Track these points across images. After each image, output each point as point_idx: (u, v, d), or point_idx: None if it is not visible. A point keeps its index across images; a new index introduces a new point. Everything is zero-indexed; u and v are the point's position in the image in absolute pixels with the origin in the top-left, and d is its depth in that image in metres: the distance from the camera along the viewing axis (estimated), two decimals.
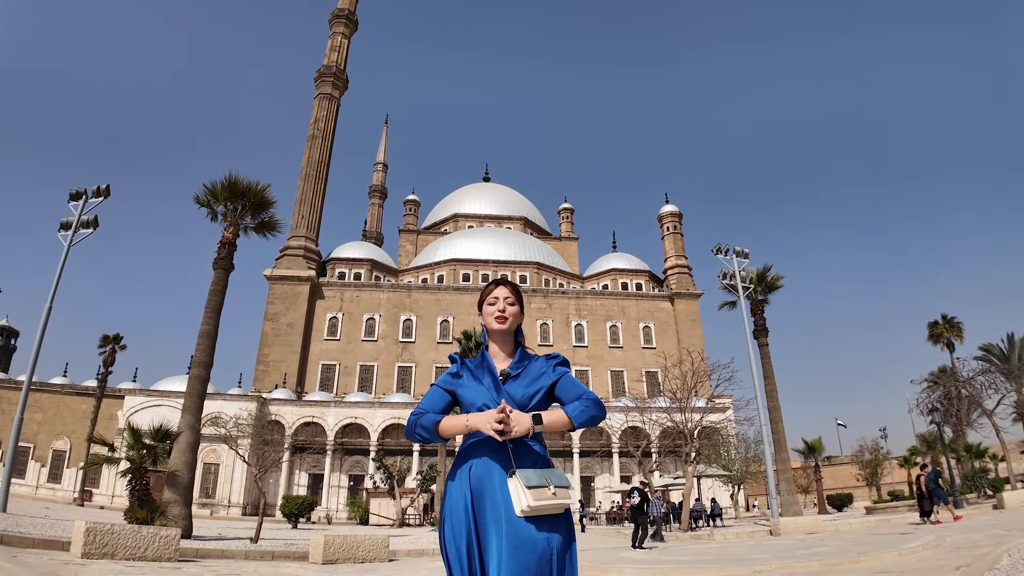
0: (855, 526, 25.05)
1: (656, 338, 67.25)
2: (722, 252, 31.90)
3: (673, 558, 14.58)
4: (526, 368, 2.80)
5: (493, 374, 2.79)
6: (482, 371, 2.82)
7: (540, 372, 2.78)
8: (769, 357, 34.57)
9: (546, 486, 2.49)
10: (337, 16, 78.28)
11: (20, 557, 10.53)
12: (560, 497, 2.51)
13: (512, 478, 2.51)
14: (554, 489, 2.50)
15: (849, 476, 64.40)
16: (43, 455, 50.91)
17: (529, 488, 2.45)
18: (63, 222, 24.62)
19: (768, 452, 29.15)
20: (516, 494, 2.47)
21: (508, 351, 2.89)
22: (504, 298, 2.87)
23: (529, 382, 2.75)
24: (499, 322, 2.84)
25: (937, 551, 13.10)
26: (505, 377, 2.77)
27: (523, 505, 2.43)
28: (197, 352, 20.75)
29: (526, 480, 2.47)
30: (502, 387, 2.74)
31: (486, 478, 2.58)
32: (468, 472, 2.62)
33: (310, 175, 70.06)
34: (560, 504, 2.51)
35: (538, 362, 2.83)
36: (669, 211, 76.05)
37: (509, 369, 2.80)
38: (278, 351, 61.16)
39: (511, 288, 2.92)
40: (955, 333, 51.48)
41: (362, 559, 14.24)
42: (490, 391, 2.74)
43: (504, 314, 2.85)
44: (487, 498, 2.54)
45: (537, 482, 2.49)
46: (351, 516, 46.27)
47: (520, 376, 2.78)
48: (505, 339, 2.89)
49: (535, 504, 2.42)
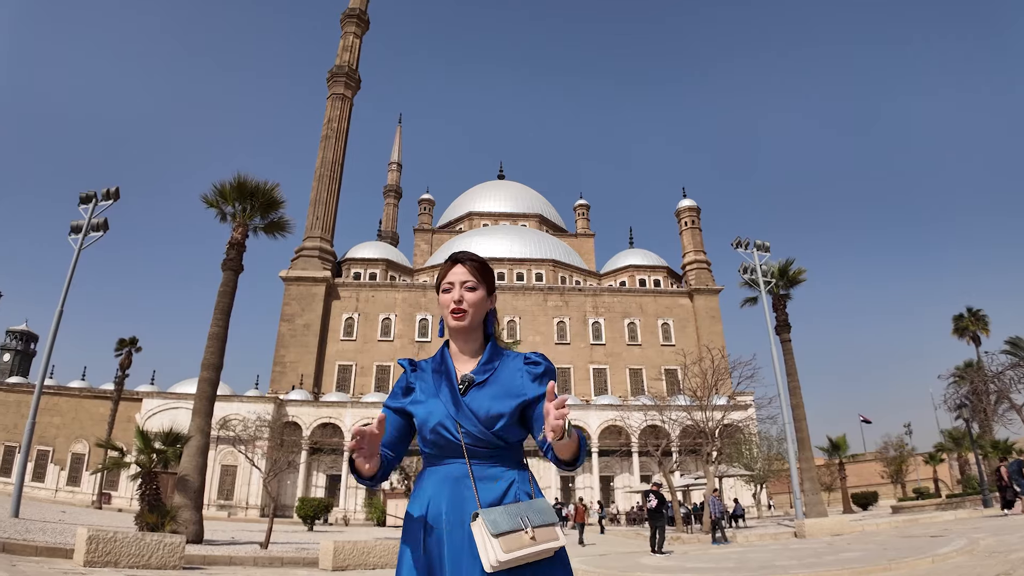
0: (882, 527, 24.40)
1: (675, 335, 66.43)
2: (742, 246, 31.25)
3: (694, 565, 14.05)
4: (496, 372, 2.16)
5: (452, 381, 2.14)
6: (439, 377, 2.17)
7: (513, 382, 2.12)
8: (792, 354, 33.78)
9: (521, 529, 1.88)
10: (349, 16, 78.12)
11: (19, 566, 10.23)
12: (542, 540, 1.89)
13: (476, 523, 1.89)
14: (533, 531, 1.89)
15: (873, 473, 63.37)
16: (62, 458, 51.27)
17: (498, 536, 1.84)
18: (73, 225, 24.53)
19: (792, 451, 28.47)
20: (482, 546, 1.85)
21: (473, 349, 2.23)
22: (462, 282, 2.17)
23: (499, 393, 2.10)
24: (456, 318, 2.16)
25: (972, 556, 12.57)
26: (468, 384, 2.13)
27: (491, 559, 1.81)
28: (206, 354, 20.51)
29: (493, 526, 1.85)
30: (461, 398, 2.10)
31: (447, 521, 1.99)
32: (425, 510, 2.04)
33: (324, 175, 69.98)
34: (544, 550, 1.90)
35: (511, 365, 2.17)
36: (687, 205, 75.06)
37: (473, 374, 2.15)
38: (295, 352, 61.14)
39: (472, 266, 2.21)
40: (981, 326, 50.47)
41: (373, 565, 13.88)
42: (446, 405, 2.09)
43: (461, 306, 2.16)
44: (453, 551, 1.95)
45: (508, 526, 1.87)
46: (368, 517, 46.08)
47: (488, 383, 2.13)
48: (467, 336, 2.21)
49: (505, 558, 1.81)
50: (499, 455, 2.08)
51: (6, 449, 50.72)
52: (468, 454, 2.04)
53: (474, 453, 2.05)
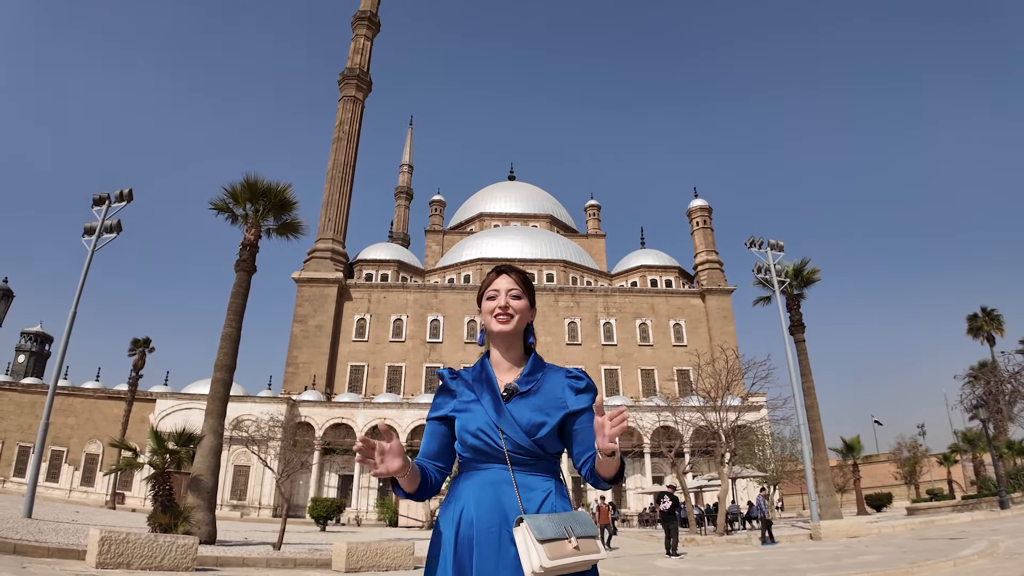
0: (898, 529, 24.19)
1: (687, 335, 66.05)
2: (756, 245, 31.02)
3: (710, 568, 13.90)
4: (538, 383, 2.20)
5: (494, 390, 2.17)
6: (481, 385, 2.20)
7: (557, 395, 2.17)
8: (806, 354, 33.52)
9: (566, 538, 1.89)
10: (359, 18, 78.20)
11: (30, 568, 10.21)
12: (584, 551, 1.90)
13: (520, 528, 1.90)
14: (576, 541, 1.90)
15: (886, 474, 62.80)
16: (76, 459, 51.55)
17: (543, 542, 1.85)
18: (87, 227, 24.65)
19: (807, 452, 28.21)
20: (525, 551, 1.86)
21: (515, 358, 2.28)
22: (507, 291, 2.25)
23: (542, 404, 2.14)
24: (500, 322, 2.23)
25: (993, 559, 12.42)
26: (511, 393, 2.16)
27: (535, 566, 1.82)
28: (219, 355, 20.49)
29: (539, 532, 1.87)
30: (504, 406, 2.13)
31: (481, 526, 1.98)
32: (459, 515, 2.03)
33: (336, 177, 70.10)
34: (585, 561, 1.90)
35: (555, 378, 2.22)
36: (699, 205, 74.54)
37: (516, 383, 2.19)
38: (307, 353, 61.27)
39: (517, 277, 2.30)
40: (995, 326, 50.08)
41: (387, 567, 13.83)
42: (488, 412, 2.12)
43: (507, 311, 2.23)
44: (485, 555, 1.94)
45: (553, 533, 1.88)
46: (380, 517, 46.08)
47: (530, 394, 2.17)
48: (510, 343, 2.27)
49: (550, 565, 1.82)
50: (537, 464, 2.12)
51: (20, 449, 51.08)
52: (510, 461, 2.08)
53: (515, 460, 2.09)
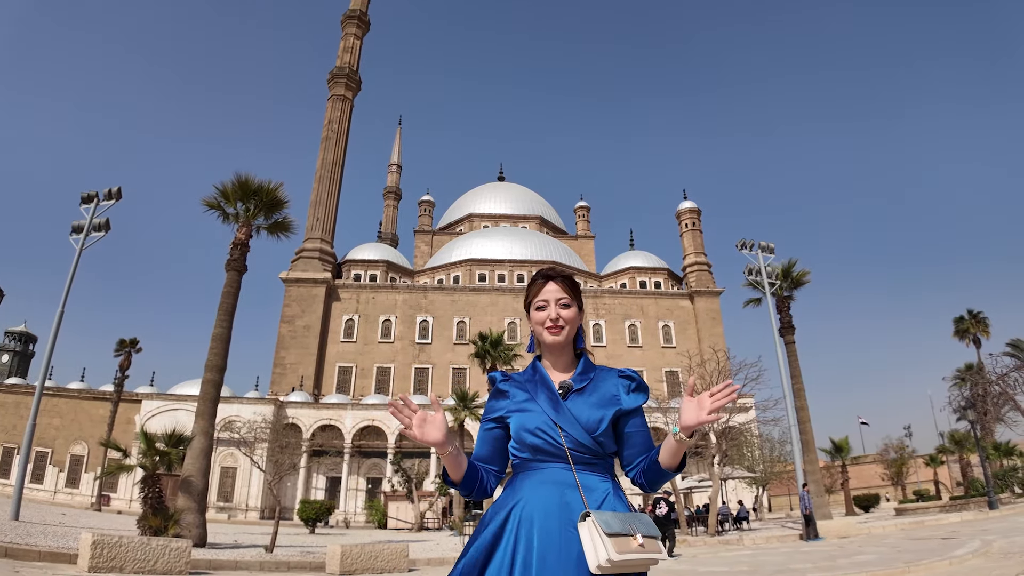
0: (889, 529, 24.31)
1: (676, 337, 66.23)
2: (746, 247, 31.14)
3: (707, 569, 13.88)
4: (592, 381, 2.19)
5: (550, 388, 2.16)
6: (535, 385, 2.18)
7: (610, 391, 2.16)
8: (796, 355, 33.67)
9: (631, 534, 1.87)
10: (349, 17, 77.86)
11: (23, 572, 10.06)
12: (649, 550, 1.88)
13: (586, 522, 1.89)
14: (641, 539, 1.88)
15: (874, 475, 63.19)
16: (61, 460, 50.85)
17: (610, 536, 1.83)
18: (75, 225, 24.36)
19: (797, 453, 28.34)
20: (592, 544, 1.84)
21: (565, 363, 2.26)
22: (556, 300, 2.21)
23: (598, 401, 2.13)
24: (552, 333, 2.20)
25: (988, 558, 12.49)
26: (566, 390, 2.16)
27: (601, 559, 1.80)
28: (210, 356, 20.30)
29: (606, 526, 1.85)
30: (562, 403, 2.12)
31: (540, 521, 1.95)
32: (518, 512, 1.99)
33: (324, 177, 69.71)
34: (649, 559, 1.89)
35: (608, 376, 2.22)
36: (688, 207, 74.79)
37: (572, 381, 2.18)
38: (295, 353, 60.86)
39: (564, 284, 2.26)
40: (981, 329, 50.50)
41: (381, 569, 13.72)
42: (546, 410, 2.11)
43: (558, 323, 2.20)
44: (547, 552, 1.90)
45: (620, 528, 1.87)
46: (369, 520, 45.77)
47: (586, 391, 2.16)
48: (561, 350, 2.25)
49: (618, 559, 1.79)
50: (596, 463, 2.10)
51: (4, 451, 50.35)
52: (572, 460, 2.06)
53: (576, 459, 2.06)
